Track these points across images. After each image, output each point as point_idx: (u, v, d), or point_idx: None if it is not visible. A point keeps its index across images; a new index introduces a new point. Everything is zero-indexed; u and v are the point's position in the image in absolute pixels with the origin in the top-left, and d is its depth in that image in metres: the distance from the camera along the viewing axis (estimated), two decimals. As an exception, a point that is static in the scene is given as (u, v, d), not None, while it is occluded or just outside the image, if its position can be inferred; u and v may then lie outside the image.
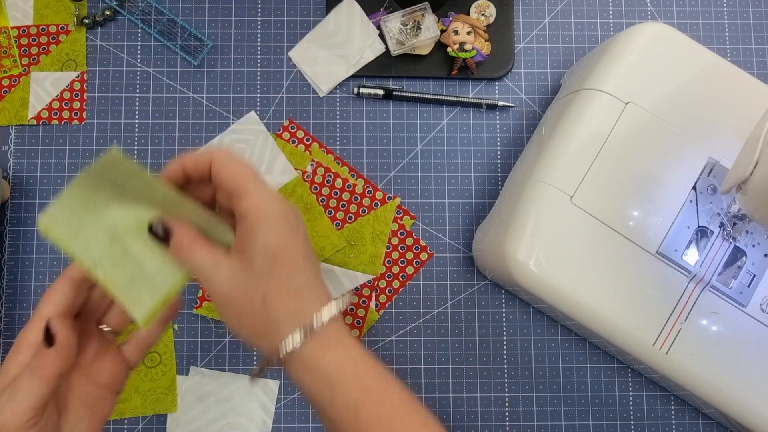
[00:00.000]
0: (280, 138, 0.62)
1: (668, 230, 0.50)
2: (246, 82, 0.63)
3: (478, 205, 0.62)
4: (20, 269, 0.60)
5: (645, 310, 0.49)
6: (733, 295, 0.50)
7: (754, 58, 0.64)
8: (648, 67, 0.52)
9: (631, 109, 0.51)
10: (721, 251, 0.51)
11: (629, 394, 0.59)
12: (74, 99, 0.62)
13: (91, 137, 0.62)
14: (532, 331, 0.60)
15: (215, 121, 0.62)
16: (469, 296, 0.60)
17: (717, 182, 0.51)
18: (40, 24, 0.63)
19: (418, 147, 0.62)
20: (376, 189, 0.61)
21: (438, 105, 0.63)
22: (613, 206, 0.50)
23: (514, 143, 0.63)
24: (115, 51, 0.63)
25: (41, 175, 0.61)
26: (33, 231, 0.60)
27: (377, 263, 0.60)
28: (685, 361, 0.49)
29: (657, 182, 0.51)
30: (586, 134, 0.51)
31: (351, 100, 0.63)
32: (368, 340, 0.59)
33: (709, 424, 0.59)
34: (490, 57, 0.62)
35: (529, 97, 0.63)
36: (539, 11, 0.64)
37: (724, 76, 0.53)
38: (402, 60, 0.62)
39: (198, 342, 0.59)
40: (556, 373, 0.59)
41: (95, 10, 0.63)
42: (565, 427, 0.59)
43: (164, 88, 0.62)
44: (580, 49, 0.64)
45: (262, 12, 0.64)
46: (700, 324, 0.49)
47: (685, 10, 0.64)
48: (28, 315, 0.59)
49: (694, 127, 0.52)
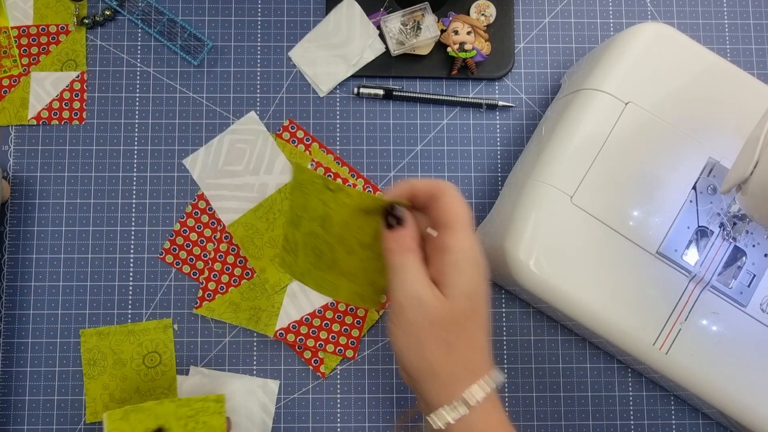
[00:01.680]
0: (280, 138, 0.62)
1: (668, 230, 0.50)
2: (246, 82, 0.63)
3: (478, 205, 0.62)
4: (20, 269, 0.60)
5: (645, 310, 0.49)
6: (733, 295, 0.50)
7: (754, 58, 0.64)
8: (648, 67, 0.52)
9: (631, 109, 0.51)
10: (721, 251, 0.51)
11: (629, 394, 0.59)
12: (74, 99, 0.62)
13: (91, 137, 0.62)
14: (532, 331, 0.60)
15: (215, 121, 0.62)
16: (469, 296, 0.60)
17: (717, 182, 0.51)
18: (40, 24, 0.63)
19: (418, 147, 0.62)
20: (376, 189, 0.61)
21: (438, 105, 0.63)
22: (613, 206, 0.50)
23: (514, 143, 0.63)
24: (115, 51, 0.63)
25: (41, 175, 0.61)
26: (33, 231, 0.60)
27: (377, 263, 0.60)
28: (685, 361, 0.49)
29: (657, 182, 0.51)
30: (586, 134, 0.51)
31: (351, 100, 0.63)
32: (368, 340, 0.59)
33: (709, 424, 0.59)
34: (490, 57, 0.62)
35: (529, 97, 0.63)
36: (539, 11, 0.64)
37: (724, 76, 0.53)
38: (402, 60, 0.62)
39: (198, 342, 0.59)
40: (556, 373, 0.59)
41: (95, 10, 0.63)
42: (565, 427, 0.59)
43: (164, 88, 0.62)
44: (580, 49, 0.64)
45: (262, 12, 0.64)
46: (700, 324, 0.49)
47: (685, 10, 0.64)
48: (28, 315, 0.59)
49: (694, 127, 0.52)
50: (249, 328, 0.59)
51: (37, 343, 0.59)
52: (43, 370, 0.59)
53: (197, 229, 0.60)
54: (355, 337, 0.59)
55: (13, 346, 0.59)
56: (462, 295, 0.34)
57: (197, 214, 0.60)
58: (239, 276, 0.59)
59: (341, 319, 0.59)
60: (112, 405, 0.58)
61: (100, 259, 0.60)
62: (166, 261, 0.60)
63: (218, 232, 0.60)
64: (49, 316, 0.59)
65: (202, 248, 0.60)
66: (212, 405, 0.52)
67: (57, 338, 0.59)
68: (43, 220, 0.60)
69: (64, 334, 0.59)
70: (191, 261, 0.60)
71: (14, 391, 0.58)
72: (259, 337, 0.59)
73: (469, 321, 0.34)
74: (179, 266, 0.60)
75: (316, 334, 0.59)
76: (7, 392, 0.58)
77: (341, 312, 0.59)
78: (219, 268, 0.59)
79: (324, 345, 0.59)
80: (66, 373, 0.58)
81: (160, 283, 0.60)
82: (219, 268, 0.59)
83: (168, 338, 0.59)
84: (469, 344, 0.34)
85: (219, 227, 0.60)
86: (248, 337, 0.59)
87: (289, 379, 0.59)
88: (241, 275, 0.59)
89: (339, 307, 0.59)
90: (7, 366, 0.58)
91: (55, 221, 0.60)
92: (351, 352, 0.59)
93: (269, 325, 0.58)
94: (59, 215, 0.60)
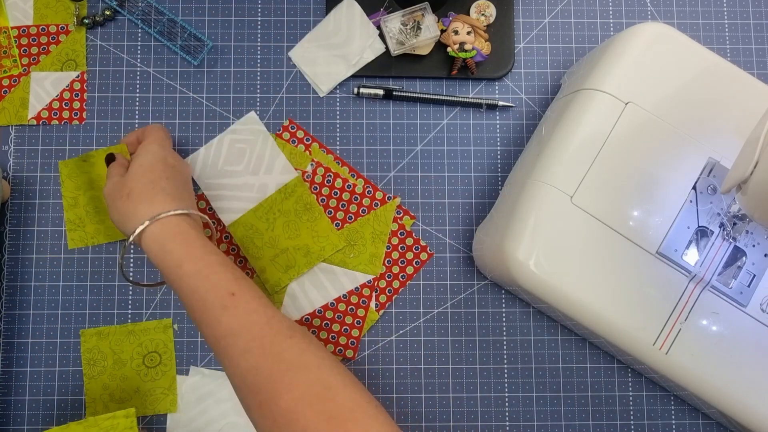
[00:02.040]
0: (280, 138, 0.62)
1: (668, 230, 0.50)
2: (246, 82, 0.63)
3: (478, 205, 0.62)
4: (20, 269, 0.60)
5: (645, 310, 0.49)
6: (733, 295, 0.50)
7: (754, 58, 0.64)
8: (648, 67, 0.52)
9: (631, 109, 0.51)
10: (721, 251, 0.50)
11: (629, 394, 0.59)
12: (74, 99, 0.62)
13: (91, 137, 0.62)
14: (532, 331, 0.60)
15: (215, 121, 0.62)
16: (469, 296, 0.60)
17: (717, 182, 0.51)
18: (40, 24, 0.63)
19: (418, 147, 0.62)
20: (376, 189, 0.61)
21: (438, 105, 0.63)
22: (613, 206, 0.50)
23: (514, 143, 0.63)
24: (115, 51, 0.63)
25: (41, 175, 0.61)
26: (33, 231, 0.60)
27: (377, 263, 0.60)
28: (685, 361, 0.49)
29: (657, 182, 0.51)
30: (586, 134, 0.51)
31: (351, 100, 0.63)
32: (368, 340, 0.59)
33: (709, 424, 0.59)
34: (490, 57, 0.62)
35: (529, 97, 0.63)
36: (539, 11, 0.64)
37: (724, 76, 0.53)
38: (402, 60, 0.62)
39: (198, 342, 0.59)
40: (556, 373, 0.59)
41: (95, 10, 0.63)
42: (565, 427, 0.59)
43: (164, 88, 0.62)
44: (580, 49, 0.64)
45: (262, 12, 0.64)
46: (700, 324, 0.49)
47: (685, 10, 0.64)
48: (28, 315, 0.59)
49: (694, 127, 0.52)
50: (249, 328, 0.59)
51: (37, 343, 0.59)
52: (43, 370, 0.59)
53: (197, 229, 0.60)
54: (355, 337, 0.59)
55: (13, 346, 0.59)
56: (131, 165, 0.53)
57: (197, 214, 0.60)
58: (239, 276, 0.59)
59: (341, 319, 0.59)
60: (112, 405, 0.58)
61: (100, 259, 0.60)
62: (166, 261, 0.60)
63: (218, 232, 0.60)
64: (49, 316, 0.59)
65: (202, 248, 0.60)
66: (122, 421, 0.50)
67: (57, 338, 0.59)
68: (43, 220, 0.60)
69: (64, 334, 0.59)
70: (191, 261, 0.60)
71: (14, 391, 0.58)
72: (259, 337, 0.59)
73: (144, 176, 0.52)
74: (179, 266, 0.60)
75: (316, 334, 0.59)
76: (7, 392, 0.58)
77: (341, 312, 0.59)
78: (219, 268, 0.59)
79: (324, 345, 0.59)
80: (66, 373, 0.58)
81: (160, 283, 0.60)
82: (219, 268, 0.59)
83: (168, 338, 0.59)
84: (146, 189, 0.51)
85: (219, 227, 0.60)
86: (248, 337, 0.59)
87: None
88: (241, 275, 0.59)
89: (339, 307, 0.59)
90: (7, 366, 0.58)
91: (55, 221, 0.60)
92: (351, 352, 0.59)
93: (269, 325, 0.58)
94: (59, 215, 0.60)
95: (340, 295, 0.59)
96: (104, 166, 0.57)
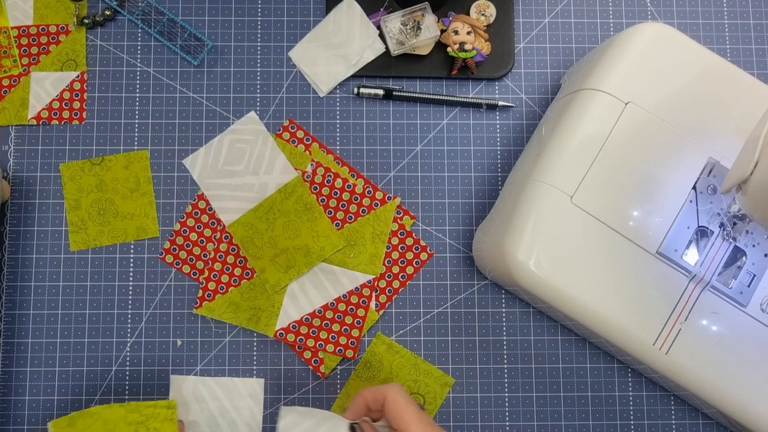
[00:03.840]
0: (280, 138, 0.62)
1: (668, 230, 0.50)
2: (246, 82, 0.63)
3: (478, 205, 0.62)
4: (20, 269, 0.60)
5: (645, 310, 0.49)
6: (733, 295, 0.50)
7: (754, 58, 0.64)
8: (648, 67, 0.52)
9: (631, 109, 0.51)
10: (721, 251, 0.51)
11: (629, 394, 0.59)
12: (74, 99, 0.62)
13: (91, 137, 0.62)
14: (532, 331, 0.60)
15: (215, 121, 0.62)
16: (469, 296, 0.60)
17: (717, 182, 0.51)
18: (40, 24, 0.63)
19: (418, 147, 0.62)
20: (376, 189, 0.61)
21: (438, 105, 0.63)
22: (613, 206, 0.50)
23: (514, 143, 0.63)
24: (115, 51, 0.63)
25: (41, 175, 0.61)
26: (33, 231, 0.60)
27: (377, 263, 0.60)
28: (685, 361, 0.49)
29: (657, 182, 0.51)
30: (586, 134, 0.51)
31: (351, 100, 0.63)
32: (368, 340, 0.60)
33: (709, 424, 0.59)
34: (490, 57, 0.62)
35: (529, 97, 0.63)
36: (539, 11, 0.64)
37: (724, 76, 0.53)
38: (402, 60, 0.62)
39: (198, 342, 0.59)
40: (556, 373, 0.59)
41: (95, 10, 0.63)
42: (565, 427, 0.59)
43: (164, 88, 0.62)
44: (580, 49, 0.64)
45: (262, 12, 0.64)
46: (700, 324, 0.49)
47: (685, 10, 0.64)
48: (28, 315, 0.59)
49: (694, 127, 0.52)
50: (249, 328, 0.59)
51: (37, 343, 0.59)
52: (43, 370, 0.59)
53: (197, 229, 0.60)
54: (355, 337, 0.59)
55: (13, 346, 0.59)
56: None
57: (197, 214, 0.60)
58: (239, 276, 0.59)
59: (341, 319, 0.59)
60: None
61: (100, 259, 0.60)
62: (166, 261, 0.60)
63: (218, 232, 0.60)
64: (49, 316, 0.59)
65: (202, 248, 0.60)
66: (163, 411, 0.50)
67: (57, 338, 0.59)
68: (43, 220, 0.60)
69: (64, 334, 0.59)
70: (191, 261, 0.60)
71: (14, 391, 0.58)
72: (259, 337, 0.59)
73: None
74: (179, 266, 0.60)
75: (316, 334, 0.59)
76: (7, 392, 0.58)
77: (341, 312, 0.59)
78: (219, 268, 0.59)
79: (324, 345, 0.59)
80: (66, 373, 0.59)
81: (160, 283, 0.60)
82: (219, 268, 0.59)
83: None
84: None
85: (219, 227, 0.60)
86: (248, 337, 0.59)
87: (289, 379, 0.59)
88: (241, 275, 0.59)
89: (339, 307, 0.59)
90: (7, 366, 0.59)
91: (55, 221, 0.60)
92: (351, 352, 0.59)
93: (269, 325, 0.59)
94: (59, 215, 0.60)
95: (340, 295, 0.59)
96: (119, 170, 0.54)
